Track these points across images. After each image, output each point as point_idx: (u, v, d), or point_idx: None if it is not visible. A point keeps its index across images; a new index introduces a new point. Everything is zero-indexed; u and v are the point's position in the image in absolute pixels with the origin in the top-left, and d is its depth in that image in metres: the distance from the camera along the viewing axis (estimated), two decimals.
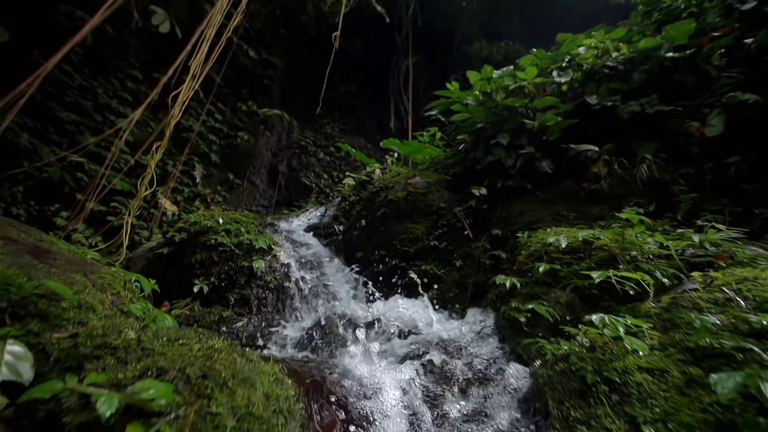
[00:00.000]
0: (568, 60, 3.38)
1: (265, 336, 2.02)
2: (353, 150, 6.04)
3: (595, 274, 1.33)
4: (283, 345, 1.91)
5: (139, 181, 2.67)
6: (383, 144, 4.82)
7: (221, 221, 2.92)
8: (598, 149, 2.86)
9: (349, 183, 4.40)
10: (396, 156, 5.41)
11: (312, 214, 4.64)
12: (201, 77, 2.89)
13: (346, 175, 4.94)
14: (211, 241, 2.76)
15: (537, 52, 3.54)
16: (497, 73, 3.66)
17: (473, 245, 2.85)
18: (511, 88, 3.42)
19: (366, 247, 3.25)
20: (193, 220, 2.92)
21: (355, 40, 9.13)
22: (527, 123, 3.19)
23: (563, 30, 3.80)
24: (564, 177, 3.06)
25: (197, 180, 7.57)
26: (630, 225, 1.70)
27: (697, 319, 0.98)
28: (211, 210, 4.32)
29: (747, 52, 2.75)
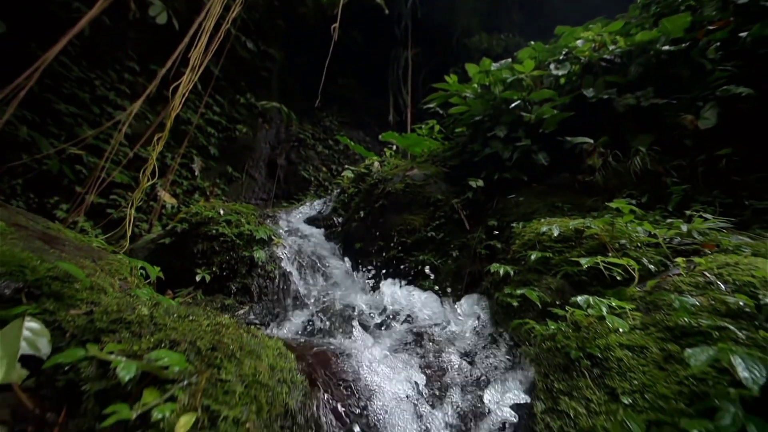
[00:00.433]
0: (565, 53, 3.40)
1: (267, 322, 2.08)
2: (352, 143, 6.06)
3: (584, 260, 1.39)
4: (285, 330, 1.97)
5: (141, 173, 2.70)
6: (382, 137, 4.84)
7: (222, 212, 2.97)
8: (593, 142, 2.90)
9: (348, 176, 4.43)
10: (395, 149, 5.43)
11: (311, 206, 4.68)
12: (201, 69, 2.90)
13: (345, 168, 4.97)
14: (212, 232, 2.81)
15: (535, 44, 3.56)
16: (495, 66, 3.67)
17: (470, 236, 2.91)
18: (509, 80, 3.44)
19: (365, 238, 3.30)
20: (194, 210, 2.96)
21: (354, 32, 9.06)
22: (524, 116, 3.23)
23: (564, 22, 3.80)
24: (560, 169, 3.11)
25: (196, 173, 7.58)
26: (620, 215, 1.76)
27: (677, 300, 1.04)
28: (211, 202, 4.36)
29: (742, 45, 2.78)
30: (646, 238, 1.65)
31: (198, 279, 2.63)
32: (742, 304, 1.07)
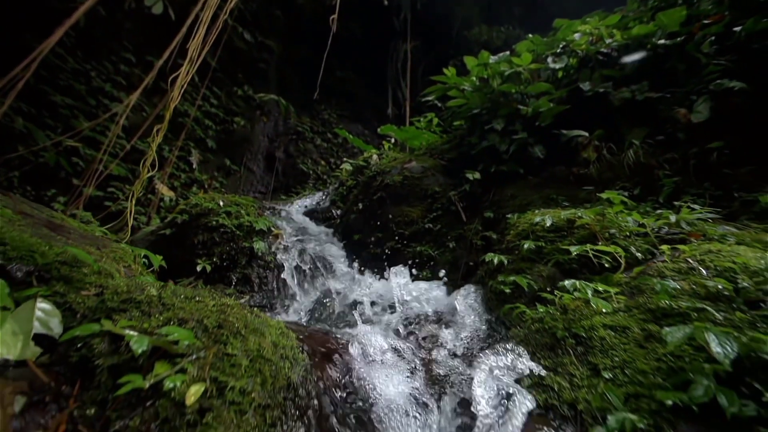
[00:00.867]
0: (562, 46, 3.41)
1: (267, 311, 2.13)
2: (351, 136, 6.06)
3: (574, 248, 1.44)
4: (285, 317, 2.02)
5: (141, 164, 2.72)
6: (381, 130, 4.86)
7: (222, 204, 3.00)
8: (588, 135, 2.94)
9: (347, 168, 4.46)
10: (393, 142, 5.45)
11: (310, 199, 4.72)
12: (199, 60, 2.90)
13: (343, 162, 4.99)
14: (213, 223, 2.84)
15: (533, 37, 3.56)
16: (494, 59, 3.68)
17: (466, 227, 2.96)
18: (507, 73, 3.46)
19: (363, 230, 3.35)
20: (194, 202, 2.99)
21: (353, 23, 8.97)
22: (521, 109, 3.25)
23: (564, 15, 3.80)
24: (555, 162, 3.15)
25: (194, 166, 7.56)
26: (611, 205, 1.80)
27: (659, 284, 1.10)
28: (211, 194, 4.37)
29: (737, 40, 2.80)
30: (635, 227, 1.71)
31: (199, 269, 2.67)
32: (721, 287, 1.12)
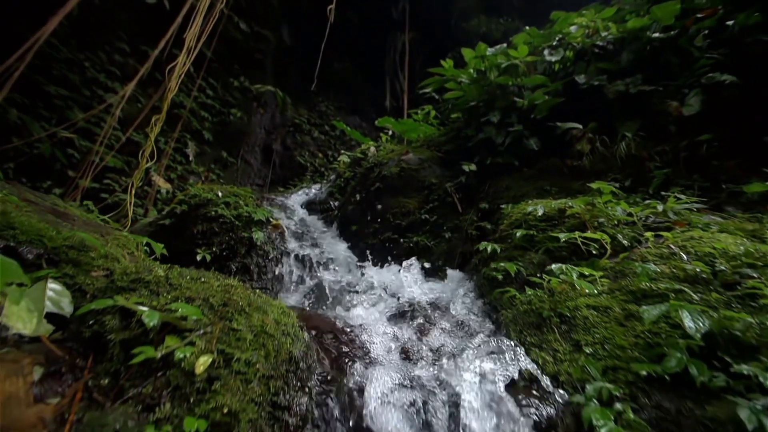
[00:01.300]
0: (559, 39, 3.43)
1: None
2: (348, 128, 6.07)
3: (563, 235, 1.50)
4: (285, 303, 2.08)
5: (140, 154, 2.74)
6: (378, 122, 4.87)
7: (220, 194, 3.03)
8: (582, 127, 2.99)
9: (344, 160, 4.48)
10: (391, 134, 5.46)
11: (308, 191, 4.75)
12: (196, 50, 2.89)
13: (341, 153, 5.01)
14: (212, 213, 2.87)
15: (530, 30, 3.58)
16: (491, 51, 3.69)
17: (462, 218, 3.02)
18: (504, 66, 3.48)
19: (360, 221, 3.39)
20: (193, 192, 3.02)
21: (350, 13, 8.86)
22: (518, 101, 3.29)
23: (564, 7, 3.81)
24: (550, 154, 3.20)
25: (190, 158, 7.52)
26: (601, 195, 1.86)
27: (640, 268, 1.16)
28: (209, 185, 4.39)
29: (730, 34, 2.84)
30: (623, 216, 1.77)
31: (199, 258, 2.71)
32: (698, 270, 1.19)
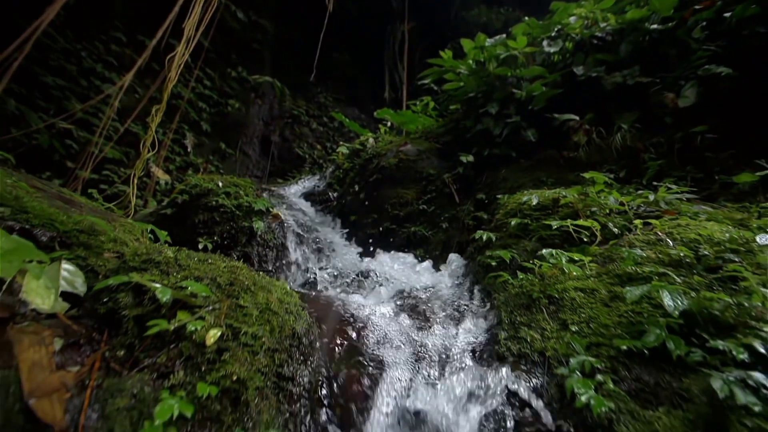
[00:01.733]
0: (557, 30, 3.43)
1: None
2: (347, 120, 6.06)
3: (555, 223, 1.55)
4: None
5: (141, 143, 2.76)
6: (377, 114, 4.87)
7: (221, 184, 3.06)
8: (579, 119, 3.02)
9: (343, 152, 4.50)
10: (389, 125, 5.47)
11: (307, 182, 4.78)
12: (195, 39, 2.89)
13: (339, 145, 5.02)
14: (212, 203, 2.91)
15: (529, 20, 3.57)
16: (490, 42, 3.68)
17: (459, 209, 3.06)
18: (503, 57, 3.48)
19: (359, 212, 3.44)
20: (194, 182, 3.05)
21: (349, 3, 8.75)
22: (516, 92, 3.30)
23: None
24: (547, 146, 3.23)
25: (189, 149, 7.51)
26: (594, 185, 1.91)
27: (627, 253, 1.21)
28: (209, 175, 4.42)
29: (727, 25, 2.85)
30: (615, 206, 1.82)
31: (200, 247, 2.76)
32: (683, 255, 1.25)
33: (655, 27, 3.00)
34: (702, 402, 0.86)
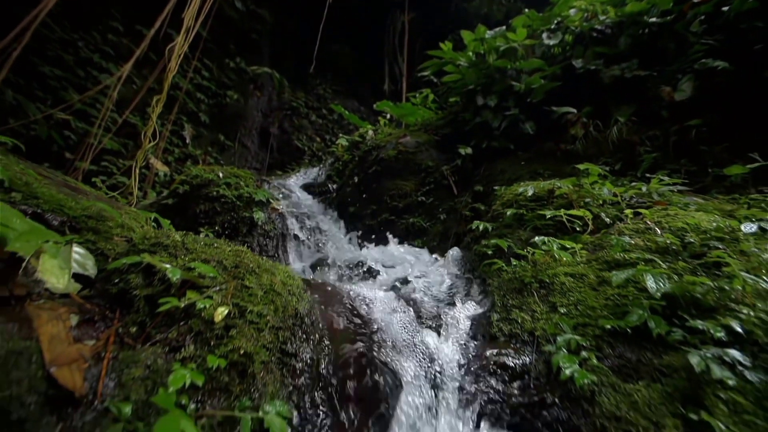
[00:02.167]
0: (557, 22, 3.43)
1: None
2: (346, 112, 6.05)
3: (549, 212, 1.60)
4: None
5: (143, 134, 2.78)
6: (377, 106, 4.87)
7: (221, 175, 3.09)
8: (577, 112, 3.04)
9: (342, 144, 4.52)
10: (389, 118, 5.47)
11: (306, 174, 4.80)
12: (195, 29, 2.88)
13: (339, 137, 5.04)
14: (213, 193, 2.94)
15: (529, 12, 3.56)
16: (490, 34, 3.68)
17: (457, 200, 3.11)
18: (502, 49, 3.48)
19: (358, 203, 3.48)
20: (194, 173, 3.08)
21: None
22: (515, 85, 3.32)
23: None
24: (545, 138, 3.26)
25: (187, 141, 7.49)
26: (588, 176, 1.95)
27: (615, 240, 1.26)
28: (210, 166, 4.44)
29: (725, 19, 2.86)
30: (609, 197, 1.87)
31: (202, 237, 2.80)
32: (669, 242, 1.30)
33: (655, 20, 3.01)
34: (680, 377, 0.92)
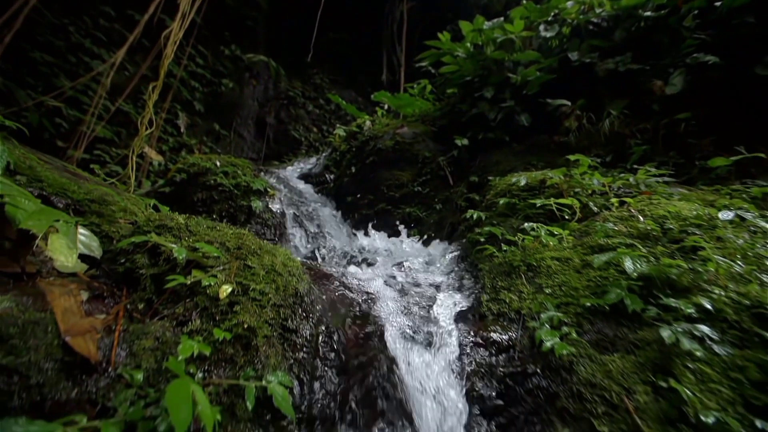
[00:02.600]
0: (554, 14, 3.44)
1: None
2: (344, 102, 6.03)
3: (539, 201, 1.66)
4: None
5: (139, 121, 2.77)
6: (374, 96, 4.86)
7: (218, 164, 3.10)
8: (571, 104, 3.09)
9: (340, 134, 4.53)
10: (386, 108, 5.47)
11: (303, 164, 4.81)
12: (191, 14, 2.86)
13: (336, 128, 5.03)
14: (211, 182, 2.96)
15: (527, 3, 3.56)
16: (488, 25, 3.68)
17: (453, 191, 3.16)
18: (500, 40, 3.49)
19: (355, 193, 3.52)
20: (192, 161, 3.08)
21: None
22: (511, 77, 3.34)
23: None
24: (540, 130, 3.31)
25: (182, 130, 7.40)
26: (578, 166, 2.01)
27: (599, 226, 1.33)
28: (207, 155, 4.43)
29: (718, 14, 2.90)
30: (598, 187, 1.93)
31: None
32: (650, 228, 1.37)
33: (649, 14, 3.04)
34: (652, 349, 0.99)
